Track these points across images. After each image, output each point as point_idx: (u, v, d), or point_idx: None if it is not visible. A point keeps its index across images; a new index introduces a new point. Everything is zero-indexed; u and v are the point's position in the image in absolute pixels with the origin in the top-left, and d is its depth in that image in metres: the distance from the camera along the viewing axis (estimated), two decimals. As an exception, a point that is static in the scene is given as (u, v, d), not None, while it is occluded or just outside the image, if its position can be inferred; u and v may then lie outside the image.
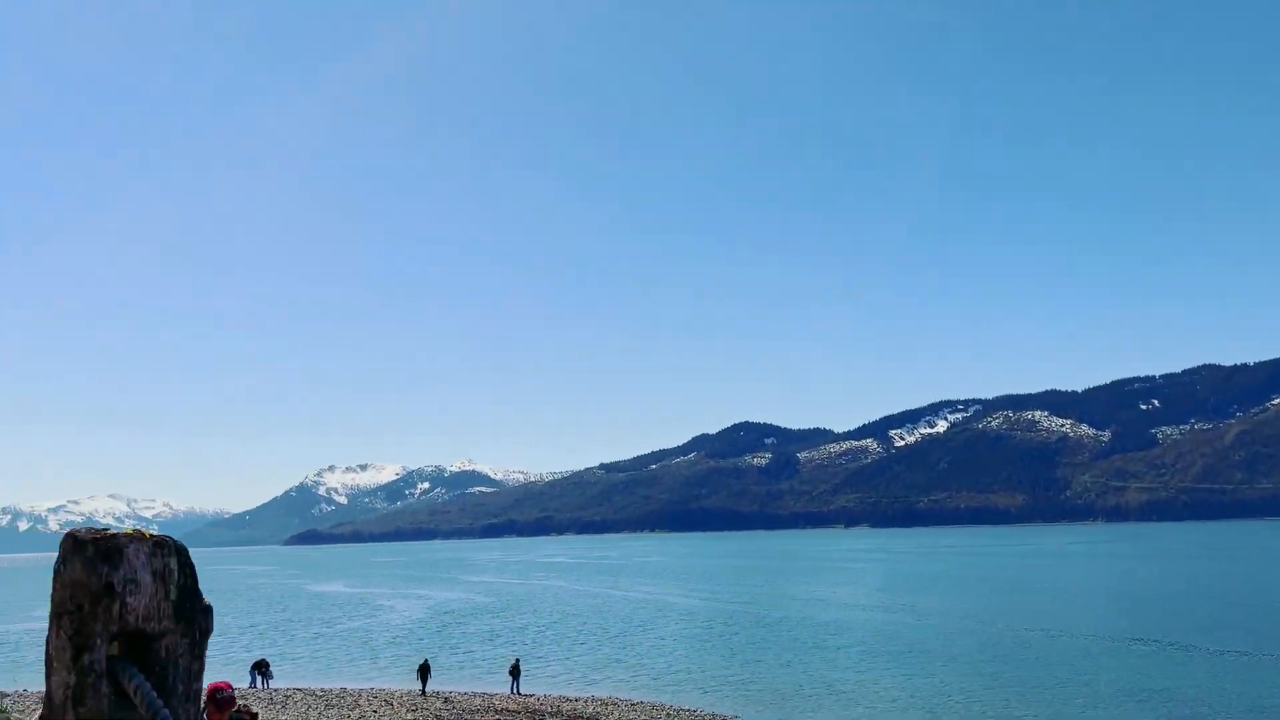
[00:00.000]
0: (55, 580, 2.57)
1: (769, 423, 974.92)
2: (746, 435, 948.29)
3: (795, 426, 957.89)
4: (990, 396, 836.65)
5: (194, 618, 2.69)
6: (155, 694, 2.49)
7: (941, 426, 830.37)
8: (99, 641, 2.49)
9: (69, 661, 2.48)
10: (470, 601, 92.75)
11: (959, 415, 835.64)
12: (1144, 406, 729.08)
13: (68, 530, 2.61)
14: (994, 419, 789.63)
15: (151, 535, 2.65)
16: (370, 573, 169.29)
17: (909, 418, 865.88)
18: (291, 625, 70.14)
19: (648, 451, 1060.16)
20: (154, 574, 2.61)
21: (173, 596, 2.63)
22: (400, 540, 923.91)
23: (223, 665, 44.92)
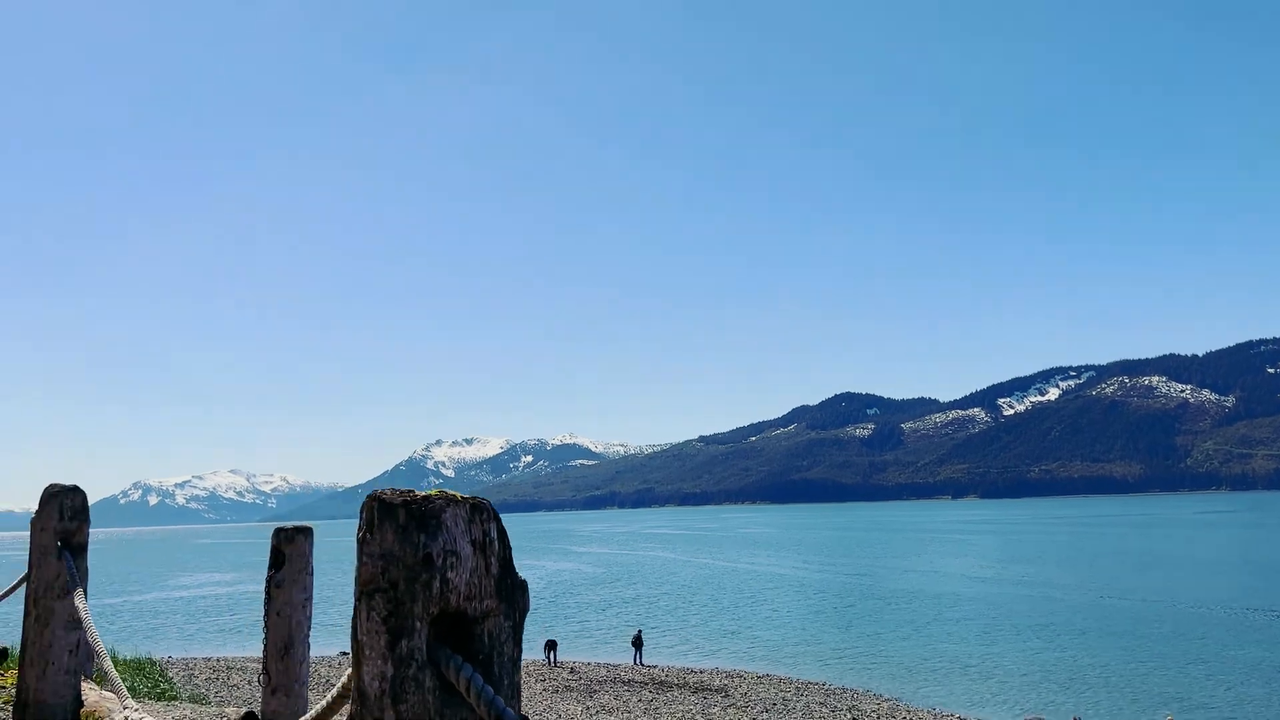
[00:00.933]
0: (361, 552, 2.15)
1: (871, 393, 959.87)
2: (848, 406, 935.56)
3: (899, 396, 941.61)
4: (1104, 362, 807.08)
5: (514, 596, 2.24)
6: (490, 688, 2.04)
7: (1053, 394, 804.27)
8: (419, 625, 2.06)
9: (384, 649, 2.04)
10: (580, 572, 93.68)
11: (1071, 382, 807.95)
12: (1271, 370, 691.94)
13: (370, 492, 2.18)
14: (1108, 385, 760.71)
15: (466, 498, 2.20)
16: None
17: (1018, 385, 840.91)
18: (410, 595, 71.81)
19: (747, 424, 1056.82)
20: (473, 544, 2.16)
21: (494, 570, 2.18)
22: (506, 512, 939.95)
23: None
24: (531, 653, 40.01)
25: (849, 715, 25.42)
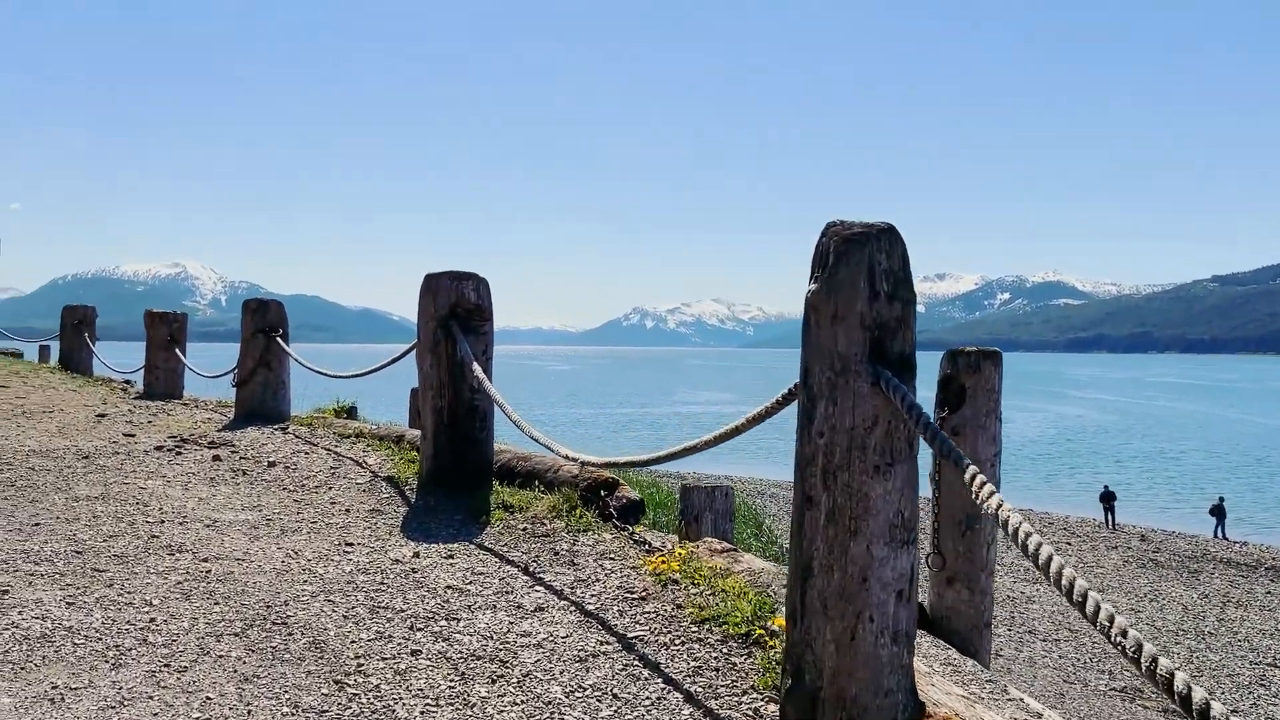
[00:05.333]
0: None
1: None
2: None
3: None
4: None
5: None
6: None
7: None
8: None
9: None
10: (1088, 419, 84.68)
11: None
12: None
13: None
14: None
15: None
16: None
17: None
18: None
19: (1278, 261, 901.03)
20: None
21: None
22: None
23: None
24: (1079, 506, 35.37)
25: None
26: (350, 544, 5.02)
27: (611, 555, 4.72)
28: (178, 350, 12.97)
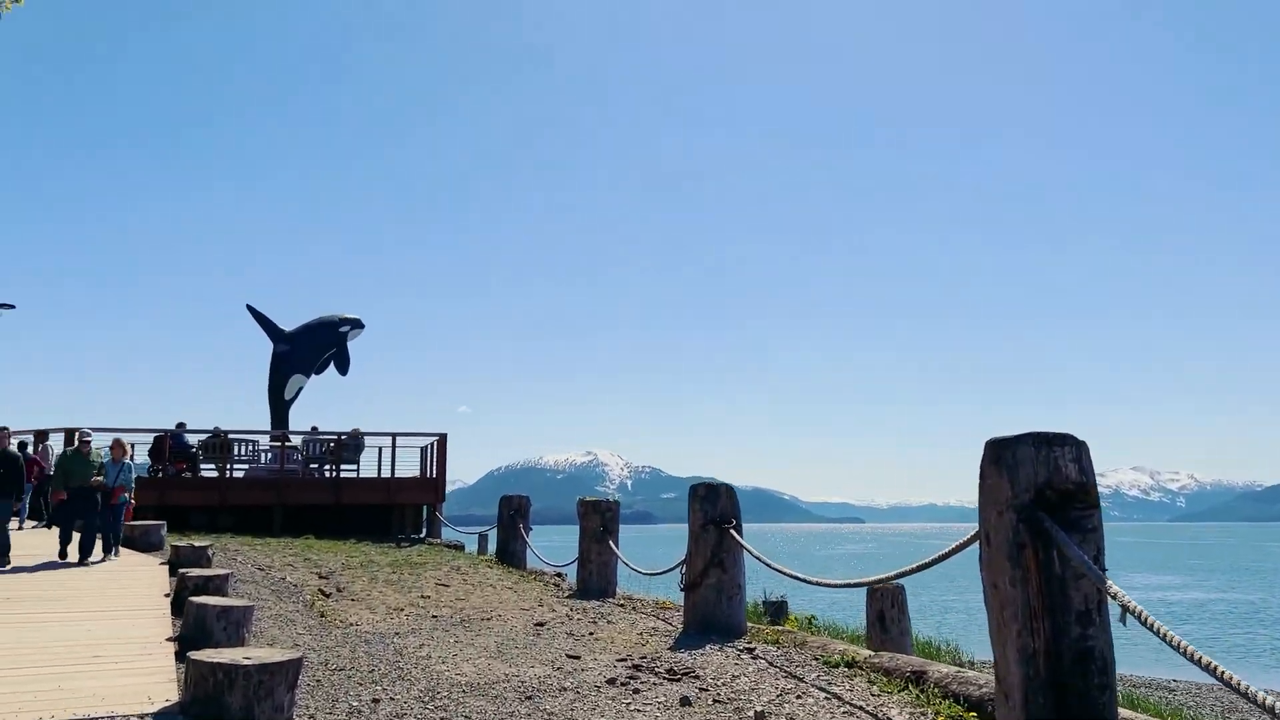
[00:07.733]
0: None
1: None
2: None
3: None
4: None
5: None
6: None
7: None
8: None
9: None
10: None
11: None
12: None
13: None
14: None
15: None
16: None
17: None
18: None
19: None
20: None
21: None
22: None
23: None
24: None
25: None
26: None
27: None
28: (611, 542, 11.91)
